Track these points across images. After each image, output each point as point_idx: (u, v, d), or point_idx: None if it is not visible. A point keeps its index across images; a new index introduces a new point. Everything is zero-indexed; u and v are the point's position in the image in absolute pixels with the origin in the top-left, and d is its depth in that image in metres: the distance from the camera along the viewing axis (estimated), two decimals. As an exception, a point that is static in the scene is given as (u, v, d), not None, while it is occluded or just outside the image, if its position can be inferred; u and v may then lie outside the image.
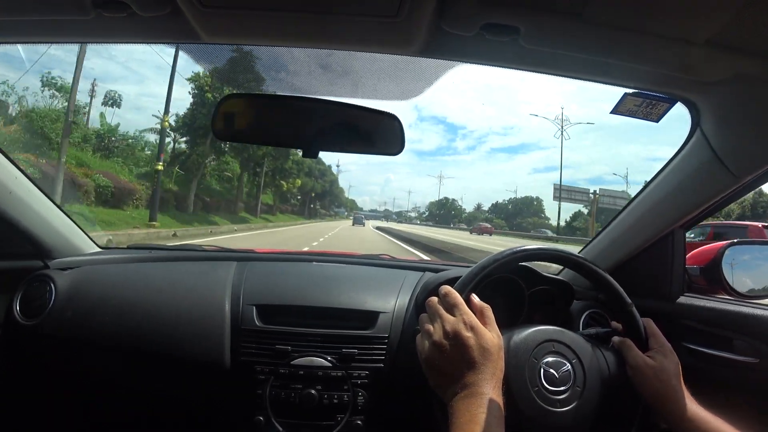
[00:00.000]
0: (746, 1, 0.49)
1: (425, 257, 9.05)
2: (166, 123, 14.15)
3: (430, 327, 0.62)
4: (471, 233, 39.64)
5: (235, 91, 0.81)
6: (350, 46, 0.69)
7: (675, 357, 0.69)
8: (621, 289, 0.74)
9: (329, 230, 23.34)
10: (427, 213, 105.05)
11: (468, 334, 0.58)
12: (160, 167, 13.24)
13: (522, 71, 0.73)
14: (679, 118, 0.80)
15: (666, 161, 0.90)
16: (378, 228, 34.15)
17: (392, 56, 0.73)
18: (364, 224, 38.46)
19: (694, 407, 0.64)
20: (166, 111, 13.81)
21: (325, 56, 0.89)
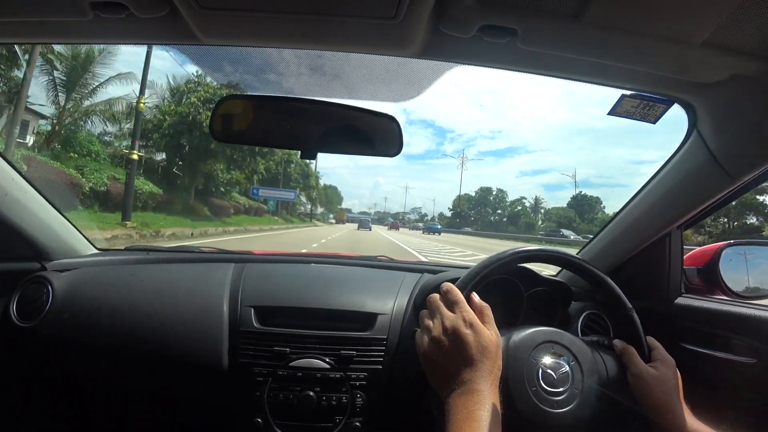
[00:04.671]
0: (742, 2, 0.49)
1: (423, 258, 9.08)
2: (142, 105, 11.04)
3: (430, 323, 0.62)
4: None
5: (232, 93, 0.81)
6: (348, 47, 0.69)
7: (676, 371, 0.69)
8: (621, 293, 0.74)
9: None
10: (451, 212, 70.04)
11: (467, 331, 0.59)
12: (135, 156, 10.43)
13: (518, 73, 0.73)
14: (667, 123, 0.81)
15: (656, 163, 0.90)
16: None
17: (388, 58, 0.74)
18: (370, 228, 35.18)
19: (693, 421, 0.64)
20: (142, 92, 11.08)
21: (322, 58, 0.90)
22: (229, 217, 19.88)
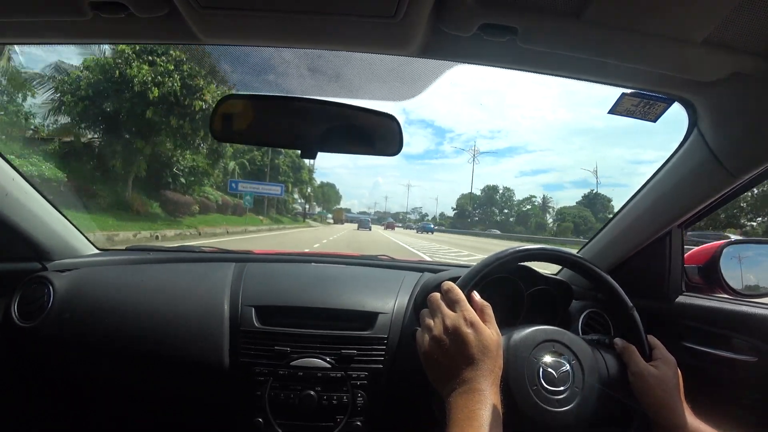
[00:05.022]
0: (742, 0, 0.49)
1: (425, 257, 9.08)
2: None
3: (431, 322, 0.62)
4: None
5: (232, 92, 0.81)
6: (348, 47, 0.69)
7: (677, 370, 0.69)
8: (622, 292, 0.74)
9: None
10: (455, 211, 65.24)
11: (468, 330, 0.59)
12: None
13: (518, 72, 0.73)
14: (667, 123, 0.81)
15: (655, 163, 0.90)
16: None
17: (389, 57, 0.74)
18: (370, 228, 35.26)
19: (694, 421, 0.64)
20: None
21: (322, 58, 0.89)
22: (192, 216, 15.11)
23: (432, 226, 46.94)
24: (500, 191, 60.88)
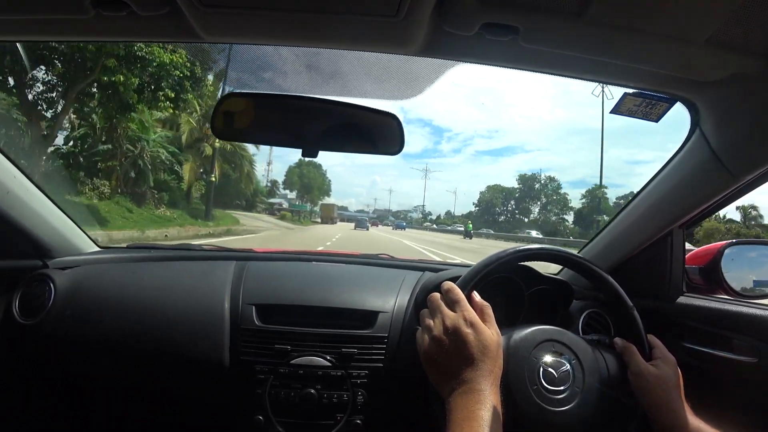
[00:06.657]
0: (745, 0, 0.49)
1: (427, 257, 9.06)
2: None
3: (431, 322, 0.62)
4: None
5: (234, 90, 0.81)
6: (349, 45, 0.69)
7: (677, 369, 0.69)
8: (622, 291, 0.74)
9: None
10: (479, 207, 54.38)
11: (468, 330, 0.59)
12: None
13: (517, 71, 0.73)
14: (667, 123, 0.81)
15: (652, 162, 0.90)
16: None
17: (389, 56, 0.74)
18: (368, 228, 35.67)
19: (694, 420, 0.64)
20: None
21: (323, 57, 0.89)
22: None
23: (404, 224, 54.12)
24: (541, 180, 45.61)
